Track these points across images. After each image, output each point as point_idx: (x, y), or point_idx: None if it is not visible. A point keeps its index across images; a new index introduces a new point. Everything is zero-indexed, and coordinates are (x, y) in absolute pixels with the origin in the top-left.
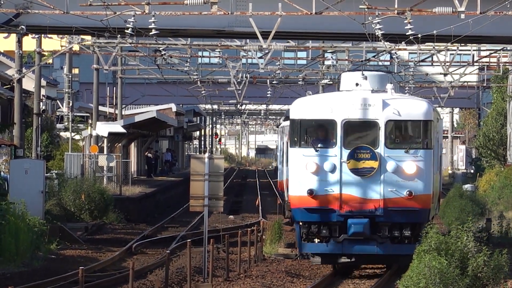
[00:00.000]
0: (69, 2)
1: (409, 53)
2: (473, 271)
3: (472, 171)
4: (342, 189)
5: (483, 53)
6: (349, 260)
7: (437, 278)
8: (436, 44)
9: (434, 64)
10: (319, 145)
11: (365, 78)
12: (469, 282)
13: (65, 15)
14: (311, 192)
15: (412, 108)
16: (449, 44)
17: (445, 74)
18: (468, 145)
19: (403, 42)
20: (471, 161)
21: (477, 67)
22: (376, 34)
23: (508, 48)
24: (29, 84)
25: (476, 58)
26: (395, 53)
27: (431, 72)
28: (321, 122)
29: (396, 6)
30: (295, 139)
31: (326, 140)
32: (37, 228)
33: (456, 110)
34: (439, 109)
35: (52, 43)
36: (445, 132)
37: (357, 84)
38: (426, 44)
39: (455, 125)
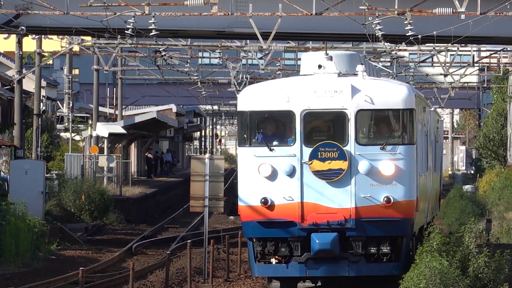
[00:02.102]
0: (69, 2)
1: (410, 53)
2: (474, 272)
3: (472, 171)
4: (304, 196)
5: (483, 54)
6: (313, 285)
7: (437, 279)
8: (436, 44)
9: (434, 64)
10: (274, 143)
11: (330, 58)
12: (470, 283)
13: (65, 15)
14: (265, 202)
15: (389, 94)
16: (449, 44)
17: (445, 75)
18: (468, 146)
19: (403, 43)
20: (471, 162)
21: (477, 67)
22: (376, 34)
23: (509, 49)
24: (29, 84)
25: (476, 59)
26: (395, 53)
27: (431, 73)
28: (276, 114)
29: (396, 7)
30: (245, 136)
31: (282, 136)
32: (37, 229)
33: (457, 111)
34: (439, 110)
35: (52, 44)
36: (446, 133)
37: (320, 66)
38: (426, 44)
39: (456, 126)
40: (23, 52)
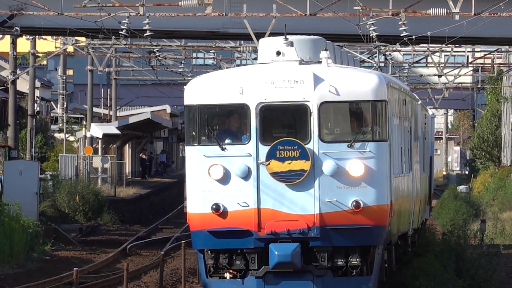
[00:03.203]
0: (63, 3)
1: (404, 54)
2: (468, 273)
3: (466, 172)
4: (261, 202)
5: (477, 55)
6: None
7: (431, 280)
8: (430, 45)
9: (428, 65)
10: (226, 141)
11: (290, 44)
12: (464, 284)
13: (59, 16)
14: (217, 208)
15: (357, 83)
16: (443, 45)
17: (439, 76)
18: (462, 147)
19: (397, 44)
20: (465, 163)
21: (472, 68)
22: (371, 35)
23: (503, 50)
24: (23, 85)
25: (470, 60)
26: (390, 54)
27: (425, 74)
28: (228, 108)
29: (390, 7)
30: (193, 133)
31: (236, 133)
32: (32, 230)
33: (451, 111)
34: (433, 110)
35: (46, 44)
36: (440, 133)
37: (279, 53)
38: (421, 45)
39: (450, 127)
40: (17, 53)
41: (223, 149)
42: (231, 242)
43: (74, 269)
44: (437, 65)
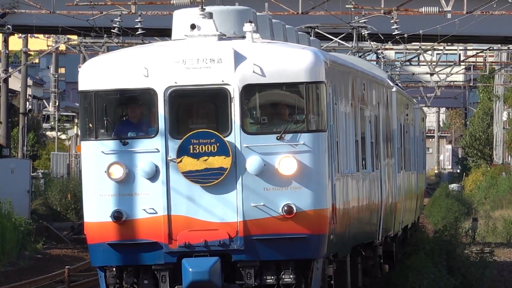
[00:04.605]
0: (55, 2)
1: (396, 52)
2: (460, 271)
3: (458, 170)
4: (172, 207)
5: (469, 53)
6: None
7: (424, 279)
8: (422, 43)
9: (420, 63)
10: (129, 134)
11: (208, 16)
12: (456, 282)
13: (51, 14)
14: (118, 216)
15: (287, 62)
16: (435, 43)
17: (431, 74)
18: (454, 145)
19: (389, 42)
20: (457, 161)
21: (464, 66)
22: (363, 33)
23: (495, 48)
24: (15, 83)
25: (462, 58)
26: (381, 52)
27: (417, 72)
28: (130, 94)
29: (382, 6)
30: (90, 125)
31: (141, 125)
32: (23, 228)
33: (443, 109)
34: (425, 109)
35: (39, 42)
36: (432, 131)
37: (193, 27)
38: (413, 43)
39: (442, 125)
40: (9, 51)
41: (125, 144)
42: (136, 258)
43: (66, 267)
44: (429, 63)
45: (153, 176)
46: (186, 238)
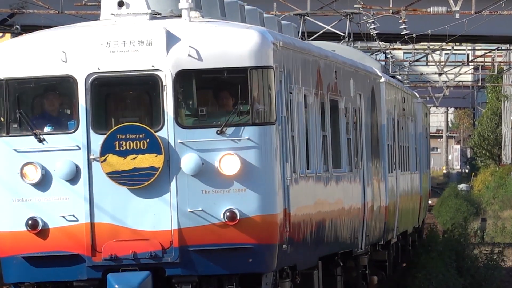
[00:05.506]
0: (63, 2)
1: (404, 52)
2: (469, 271)
3: (467, 170)
4: (95, 214)
5: (478, 53)
6: None
7: (432, 278)
8: (431, 43)
9: (429, 63)
10: (46, 129)
11: None
12: (465, 283)
13: (59, 14)
14: (34, 224)
15: (229, 44)
16: (444, 43)
17: (440, 74)
18: (463, 145)
19: (398, 42)
20: (466, 161)
21: (472, 66)
22: (371, 33)
23: (503, 48)
24: None
25: (471, 58)
26: (390, 52)
27: (426, 72)
28: (47, 83)
29: (391, 6)
30: (1, 119)
31: (59, 118)
32: None
33: (451, 109)
34: (433, 109)
35: None
36: (440, 131)
37: (121, 4)
38: (421, 43)
39: (450, 125)
40: None
41: (41, 140)
42: (55, 273)
43: None
44: (438, 63)
45: (73, 177)
46: (112, 249)
